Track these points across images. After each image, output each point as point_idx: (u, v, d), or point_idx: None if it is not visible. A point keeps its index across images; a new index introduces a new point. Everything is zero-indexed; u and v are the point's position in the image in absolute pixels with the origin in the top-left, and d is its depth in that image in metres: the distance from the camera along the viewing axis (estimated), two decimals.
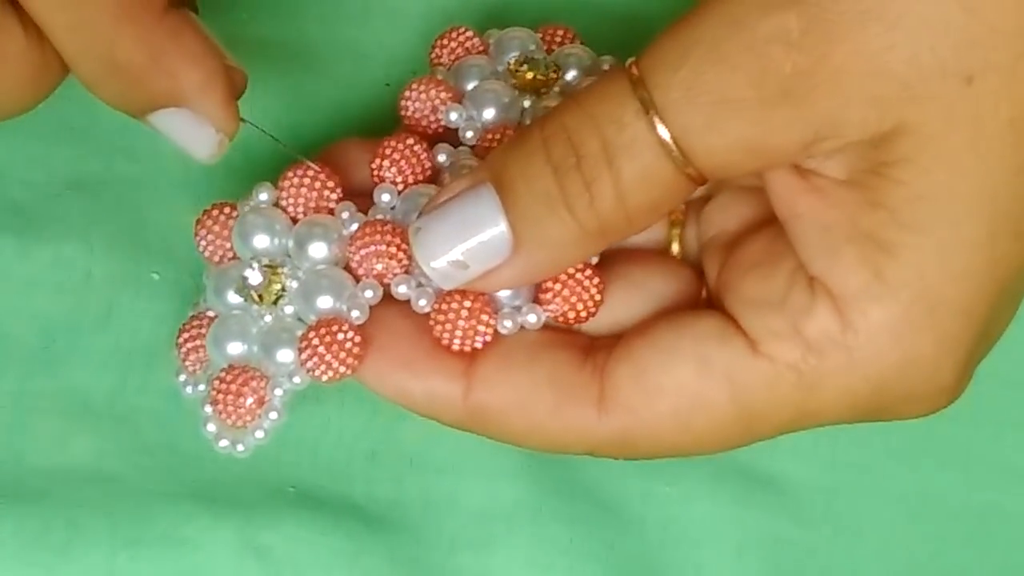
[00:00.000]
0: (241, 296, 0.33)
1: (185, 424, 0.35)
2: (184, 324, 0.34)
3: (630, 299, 0.34)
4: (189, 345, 0.34)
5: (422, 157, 0.34)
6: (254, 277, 0.33)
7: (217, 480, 0.37)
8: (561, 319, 0.33)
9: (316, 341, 0.32)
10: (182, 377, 0.34)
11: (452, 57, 0.36)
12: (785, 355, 0.31)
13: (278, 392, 0.33)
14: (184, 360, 0.34)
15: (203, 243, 0.34)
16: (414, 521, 0.37)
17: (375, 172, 0.34)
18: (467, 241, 0.31)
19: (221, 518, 0.36)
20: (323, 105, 0.40)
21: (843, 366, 0.30)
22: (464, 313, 0.32)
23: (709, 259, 0.34)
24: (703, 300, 0.34)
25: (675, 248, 0.35)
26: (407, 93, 0.35)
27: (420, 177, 0.34)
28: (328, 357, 0.32)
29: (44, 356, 0.37)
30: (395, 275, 0.33)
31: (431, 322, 0.32)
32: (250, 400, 0.33)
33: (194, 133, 0.32)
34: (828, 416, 0.31)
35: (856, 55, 0.28)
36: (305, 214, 0.34)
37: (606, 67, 0.36)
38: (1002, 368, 0.39)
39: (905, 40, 0.28)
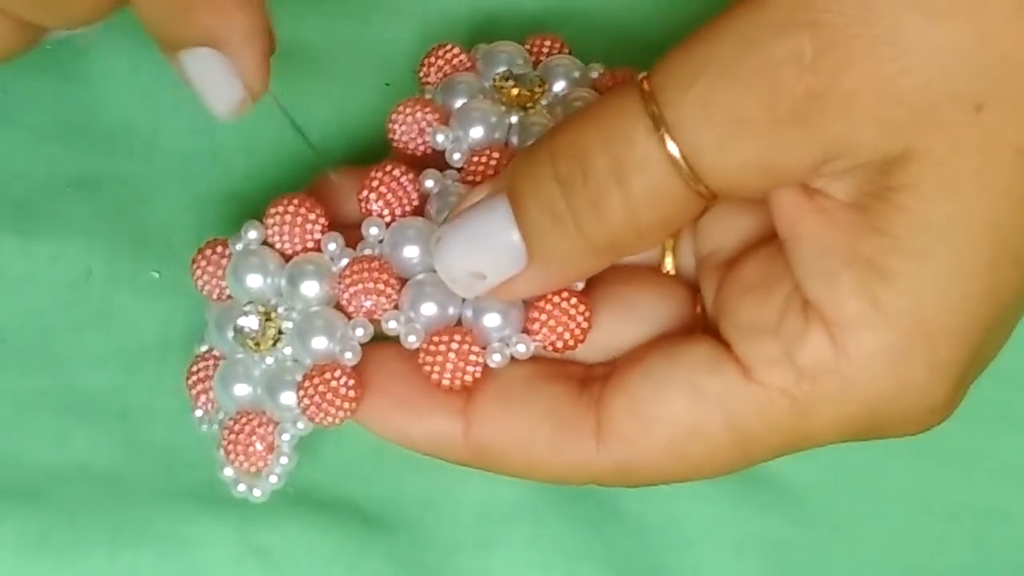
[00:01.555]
0: (239, 344, 0.33)
1: (185, 423, 0.35)
2: (191, 364, 0.35)
3: (622, 320, 0.34)
4: (199, 387, 0.34)
5: (408, 188, 0.34)
6: (249, 325, 0.33)
7: (217, 480, 0.37)
8: (549, 347, 0.33)
9: (312, 390, 0.32)
10: (199, 413, 0.35)
11: (440, 75, 0.36)
12: (778, 381, 0.31)
13: (285, 437, 0.33)
14: (196, 400, 0.35)
15: (200, 282, 0.35)
16: (414, 521, 0.37)
17: (363, 204, 0.34)
18: (483, 252, 0.31)
19: (221, 518, 0.36)
20: (323, 105, 0.40)
21: (836, 392, 0.30)
22: (452, 355, 0.32)
23: (706, 277, 0.34)
24: (698, 317, 0.34)
25: (669, 263, 0.35)
26: (394, 116, 0.35)
27: (407, 207, 0.34)
28: (324, 404, 0.32)
29: (44, 354, 0.37)
30: (384, 311, 0.33)
31: (420, 360, 0.33)
32: (259, 446, 0.34)
33: (221, 83, 0.31)
34: (822, 438, 0.31)
35: (869, 79, 0.28)
36: (292, 248, 0.34)
37: (594, 75, 0.36)
38: (1002, 368, 0.38)
39: (918, 65, 0.28)
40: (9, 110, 0.39)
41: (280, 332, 0.33)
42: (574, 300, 0.33)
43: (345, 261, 0.33)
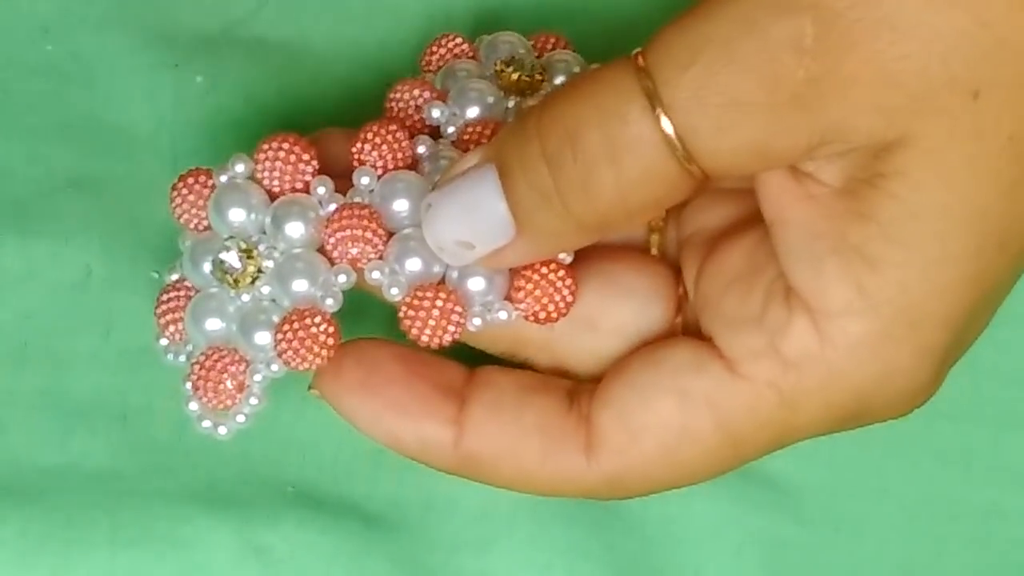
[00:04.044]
0: (216, 279, 0.33)
1: (185, 423, 0.35)
2: (161, 293, 0.34)
3: (606, 295, 0.34)
4: (168, 317, 0.34)
5: (403, 144, 0.34)
6: (229, 262, 0.33)
7: (217, 480, 0.37)
8: (532, 318, 0.33)
9: (290, 333, 0.32)
10: (163, 342, 0.34)
11: (441, 64, 0.36)
12: (764, 374, 0.31)
13: (257, 378, 0.33)
14: (163, 330, 0.34)
15: (178, 210, 0.34)
16: (414, 521, 0.37)
17: (355, 156, 0.34)
18: (471, 222, 0.31)
19: (221, 518, 0.36)
20: (323, 105, 0.40)
21: (823, 381, 0.30)
22: (435, 311, 0.32)
23: (687, 258, 0.34)
24: (680, 298, 0.34)
25: (654, 252, 0.35)
26: (392, 94, 0.35)
27: (400, 163, 0.34)
28: (302, 350, 0.32)
29: (44, 354, 0.37)
30: (369, 260, 0.33)
31: (400, 314, 0.33)
32: (230, 384, 0.33)
33: None
34: (811, 430, 0.32)
35: (868, 63, 0.28)
36: (281, 187, 0.33)
37: None
38: (1002, 368, 0.39)
39: (918, 50, 0.28)
40: (9, 110, 0.39)
41: (260, 271, 0.33)
42: (561, 272, 0.33)
43: (333, 206, 0.33)
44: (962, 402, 0.38)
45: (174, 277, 0.34)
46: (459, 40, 0.36)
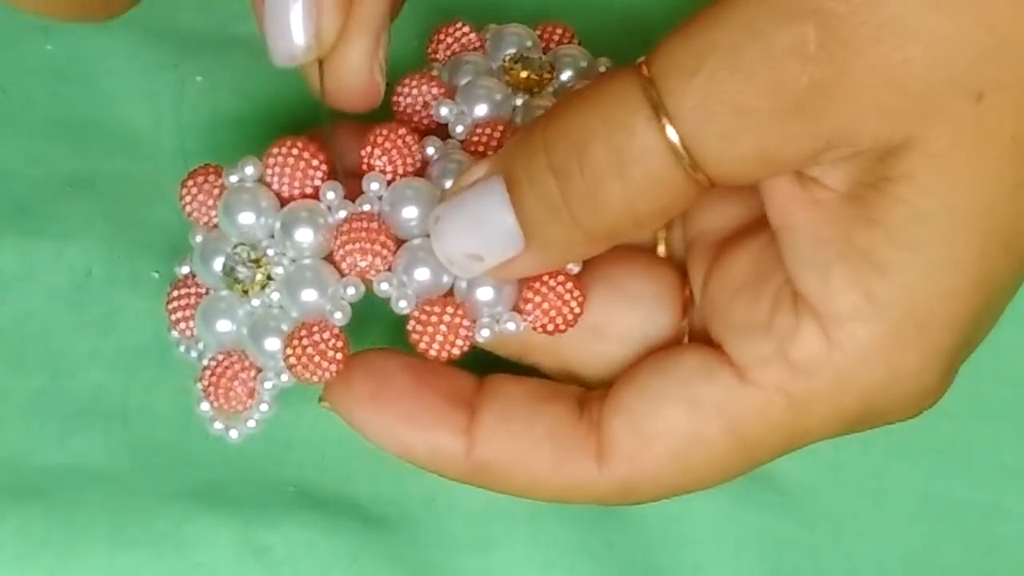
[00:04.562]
0: (226, 286, 0.33)
1: (185, 424, 0.36)
2: (172, 288, 0.34)
3: (611, 301, 0.34)
4: (179, 314, 0.34)
5: (412, 148, 0.34)
6: (240, 271, 0.33)
7: (217, 480, 0.37)
8: (540, 329, 0.33)
9: (299, 348, 0.32)
10: (175, 334, 0.34)
11: (448, 53, 0.36)
12: (773, 380, 0.31)
13: (267, 386, 0.33)
14: (174, 325, 0.34)
15: (188, 207, 0.34)
16: (415, 521, 0.37)
17: (365, 159, 0.34)
18: (480, 235, 0.31)
19: (221, 518, 0.36)
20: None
21: (831, 385, 0.30)
22: (443, 327, 0.32)
23: (694, 260, 0.34)
24: (686, 299, 0.34)
25: (661, 250, 0.35)
26: (400, 88, 0.35)
27: (410, 168, 0.33)
28: (311, 364, 0.32)
29: (44, 354, 0.37)
30: (378, 272, 0.33)
31: (409, 328, 0.33)
32: (240, 390, 0.33)
33: (292, 20, 0.31)
34: (820, 433, 0.32)
35: (873, 68, 0.28)
36: (290, 192, 0.33)
37: (602, 69, 0.36)
38: (1002, 368, 0.39)
39: (921, 54, 0.28)
40: (9, 110, 0.39)
41: (269, 278, 0.33)
42: (569, 285, 0.33)
43: (343, 213, 0.33)
44: (963, 402, 0.38)
45: (184, 270, 0.34)
46: (466, 29, 0.36)
